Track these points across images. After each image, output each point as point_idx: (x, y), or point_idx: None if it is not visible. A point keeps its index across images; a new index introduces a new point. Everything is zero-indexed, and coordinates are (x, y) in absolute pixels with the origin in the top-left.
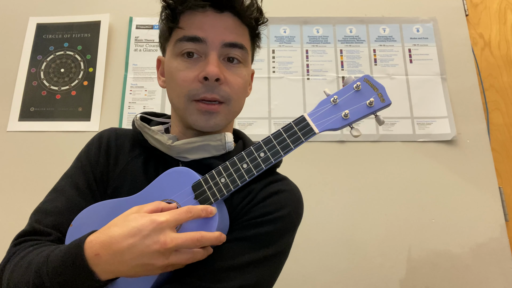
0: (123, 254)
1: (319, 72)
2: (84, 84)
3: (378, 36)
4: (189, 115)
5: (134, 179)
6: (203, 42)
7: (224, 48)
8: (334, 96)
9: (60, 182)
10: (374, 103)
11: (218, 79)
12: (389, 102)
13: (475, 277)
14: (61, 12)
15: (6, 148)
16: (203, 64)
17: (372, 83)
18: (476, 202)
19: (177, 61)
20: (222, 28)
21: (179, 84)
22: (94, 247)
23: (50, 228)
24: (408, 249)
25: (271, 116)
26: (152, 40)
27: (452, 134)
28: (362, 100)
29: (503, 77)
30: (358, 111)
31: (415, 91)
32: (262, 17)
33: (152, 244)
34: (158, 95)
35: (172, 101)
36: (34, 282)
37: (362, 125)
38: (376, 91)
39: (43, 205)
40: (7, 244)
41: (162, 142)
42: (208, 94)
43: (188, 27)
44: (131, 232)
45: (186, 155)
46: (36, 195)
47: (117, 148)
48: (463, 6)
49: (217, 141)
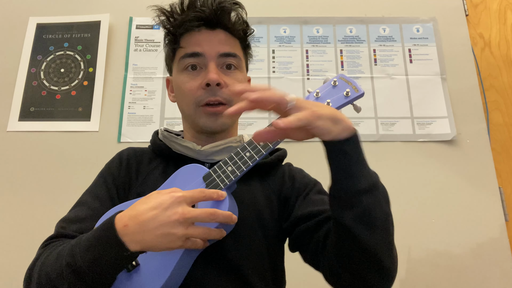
0: (148, 223)
1: (319, 72)
2: (84, 84)
3: (378, 36)
4: (198, 119)
5: (155, 185)
6: (202, 55)
7: (221, 58)
8: (316, 91)
9: (82, 197)
10: (350, 93)
11: (218, 84)
12: (362, 91)
13: (475, 277)
14: (61, 12)
15: (6, 148)
16: (204, 73)
17: (346, 79)
18: (476, 202)
19: (183, 75)
20: (216, 42)
21: (186, 94)
22: (123, 219)
23: (74, 232)
24: (408, 249)
25: (271, 116)
26: (152, 40)
27: (452, 134)
28: (339, 92)
29: (503, 77)
30: (338, 100)
31: (415, 91)
32: (249, 28)
33: (172, 214)
34: (158, 95)
35: (183, 110)
36: (67, 262)
37: (362, 125)
38: (350, 84)
39: (67, 215)
40: (8, 242)
41: (192, 148)
42: (211, 97)
43: (188, 46)
44: (154, 206)
45: (213, 157)
46: (36, 195)
47: (137, 162)
48: (463, 6)
49: (237, 142)
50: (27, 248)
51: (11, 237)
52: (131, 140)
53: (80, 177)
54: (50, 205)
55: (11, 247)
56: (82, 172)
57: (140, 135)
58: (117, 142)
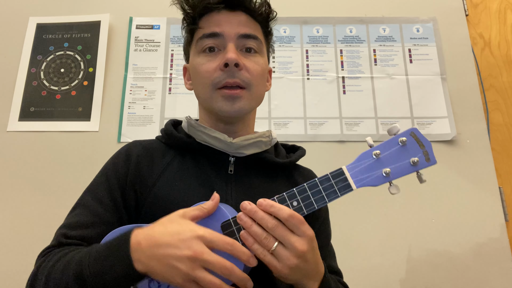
0: (159, 247)
1: (319, 72)
2: (84, 84)
3: (378, 36)
4: (214, 102)
5: (172, 183)
6: (221, 36)
7: (240, 39)
8: (377, 151)
9: (83, 198)
10: (419, 163)
11: (237, 65)
12: (435, 162)
13: (475, 277)
14: (61, 12)
15: (6, 148)
16: (223, 54)
17: (419, 138)
18: (476, 202)
19: (200, 57)
20: (236, 23)
21: (203, 76)
22: (138, 236)
23: (77, 240)
24: (408, 249)
25: (271, 116)
26: (152, 40)
27: (452, 134)
28: (406, 158)
29: (503, 77)
30: (401, 169)
31: (415, 91)
32: (272, 12)
33: (186, 248)
34: (158, 95)
35: (199, 95)
36: (74, 271)
37: (362, 125)
38: (423, 149)
39: (67, 221)
40: (7, 243)
41: (222, 139)
42: (229, 79)
43: (207, 26)
44: (171, 232)
45: (243, 151)
46: (36, 195)
47: (148, 158)
48: (463, 6)
49: (267, 137)
50: (27, 248)
51: (11, 237)
52: (131, 140)
53: (80, 177)
54: (50, 205)
55: (11, 247)
56: (82, 172)
57: (140, 135)
58: (117, 142)
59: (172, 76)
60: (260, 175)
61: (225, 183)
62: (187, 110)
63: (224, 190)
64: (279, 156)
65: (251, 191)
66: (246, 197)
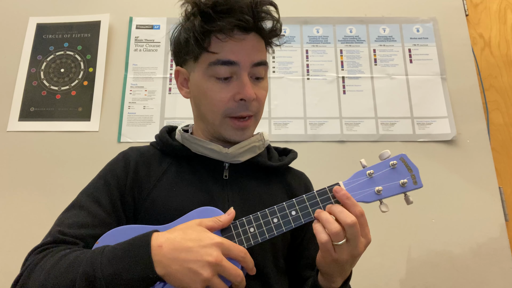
0: (181, 252)
1: (319, 72)
2: (84, 84)
3: (378, 36)
4: (223, 130)
5: (170, 188)
6: (236, 65)
7: (253, 68)
8: (371, 170)
9: (80, 199)
10: (407, 184)
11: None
12: (421, 185)
13: (475, 277)
14: (61, 12)
15: (6, 148)
16: (237, 84)
17: (407, 163)
18: (476, 202)
19: (211, 82)
20: (250, 48)
21: (215, 104)
22: (159, 239)
23: (73, 238)
24: (408, 249)
25: (271, 116)
26: (152, 40)
27: (452, 134)
28: (396, 179)
29: (503, 77)
30: (391, 189)
31: (415, 91)
32: (281, 35)
33: (207, 255)
34: (158, 95)
35: (205, 116)
36: (84, 271)
37: (362, 125)
38: (410, 172)
39: (63, 220)
40: (7, 243)
41: (218, 151)
42: (243, 112)
43: (221, 52)
44: (192, 238)
45: (239, 158)
46: (36, 195)
47: (146, 164)
48: (463, 6)
49: (259, 141)
50: (27, 248)
51: (11, 237)
52: (131, 140)
53: (80, 177)
54: (50, 205)
55: (11, 247)
56: (82, 172)
57: (140, 135)
58: (117, 142)
59: (172, 76)
60: (254, 179)
61: (222, 189)
62: (187, 110)
63: (221, 195)
64: (272, 159)
65: (247, 194)
66: (242, 200)
